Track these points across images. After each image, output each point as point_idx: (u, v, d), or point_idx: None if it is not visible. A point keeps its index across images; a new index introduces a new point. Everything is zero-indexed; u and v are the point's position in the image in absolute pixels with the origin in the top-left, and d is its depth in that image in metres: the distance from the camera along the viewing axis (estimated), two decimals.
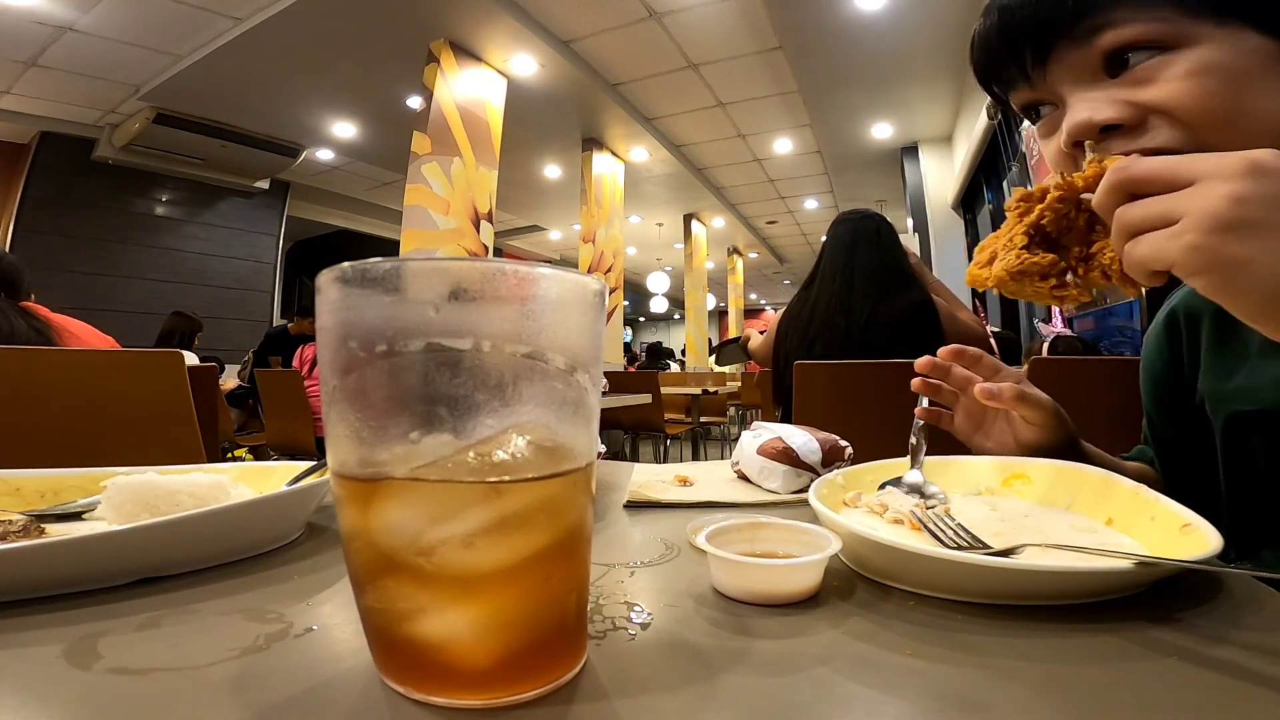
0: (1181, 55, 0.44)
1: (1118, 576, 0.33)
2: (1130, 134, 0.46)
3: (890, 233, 1.68)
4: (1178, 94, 0.43)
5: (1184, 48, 0.44)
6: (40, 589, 0.35)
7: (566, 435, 0.25)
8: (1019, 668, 0.27)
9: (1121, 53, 0.46)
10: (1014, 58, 0.50)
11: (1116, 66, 0.46)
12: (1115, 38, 0.45)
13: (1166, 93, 0.44)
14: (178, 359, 1.26)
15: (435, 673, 0.24)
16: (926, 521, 0.43)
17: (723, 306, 13.15)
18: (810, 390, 1.49)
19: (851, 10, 4.05)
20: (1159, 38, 0.44)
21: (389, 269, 0.23)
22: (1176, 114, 0.44)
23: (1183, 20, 0.44)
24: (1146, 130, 0.45)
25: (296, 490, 0.47)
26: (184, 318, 4.05)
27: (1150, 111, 0.45)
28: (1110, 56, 0.46)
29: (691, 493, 0.63)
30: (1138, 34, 0.44)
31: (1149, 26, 0.44)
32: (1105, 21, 0.45)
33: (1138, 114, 0.45)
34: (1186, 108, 0.43)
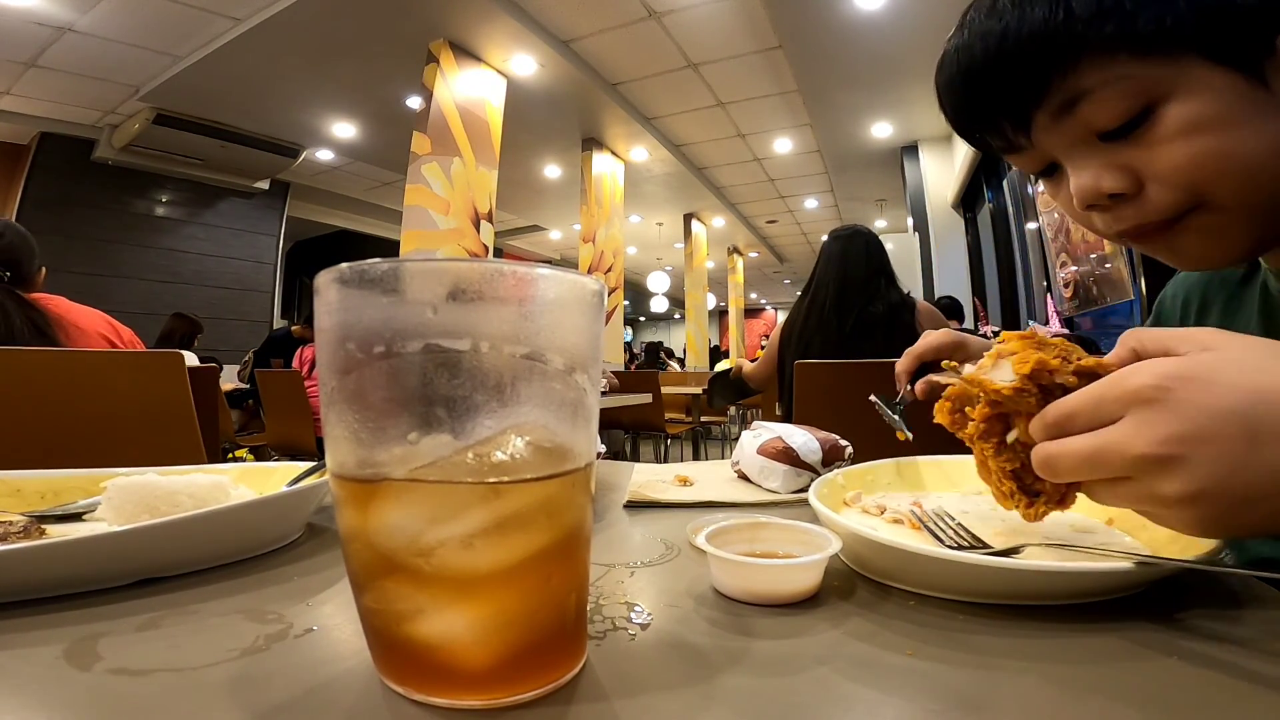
0: (1164, 115, 0.43)
1: (1118, 576, 0.33)
2: (1130, 200, 0.46)
3: (878, 247, 1.84)
4: (1174, 161, 0.43)
5: (1162, 103, 0.43)
6: (41, 590, 0.35)
7: (565, 436, 0.25)
8: (1019, 668, 0.27)
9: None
10: (992, 129, 0.49)
11: (1108, 135, 0.45)
12: (1099, 114, 0.44)
13: (1163, 160, 0.43)
14: (178, 359, 1.26)
15: (435, 673, 0.24)
16: (926, 521, 0.43)
17: (723, 306, 13.15)
18: (810, 390, 1.50)
19: (851, 10, 4.05)
20: (1135, 102, 0.43)
21: (387, 270, 0.23)
22: (1172, 177, 0.44)
23: (1146, 68, 0.42)
24: (1145, 195, 0.45)
25: (296, 491, 0.47)
26: (184, 319, 4.06)
27: (1148, 177, 0.45)
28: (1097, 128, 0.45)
29: (691, 492, 0.63)
30: (1117, 111, 0.43)
31: (1122, 95, 0.43)
32: (1077, 92, 0.44)
33: (1137, 182, 0.45)
34: (1183, 172, 0.43)
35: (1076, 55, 0.43)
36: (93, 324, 1.39)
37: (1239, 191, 0.43)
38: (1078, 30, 0.42)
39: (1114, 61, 0.43)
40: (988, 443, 0.38)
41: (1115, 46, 0.42)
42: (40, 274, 1.47)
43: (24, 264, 1.41)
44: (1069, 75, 0.44)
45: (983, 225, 5.93)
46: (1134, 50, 0.42)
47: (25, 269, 1.41)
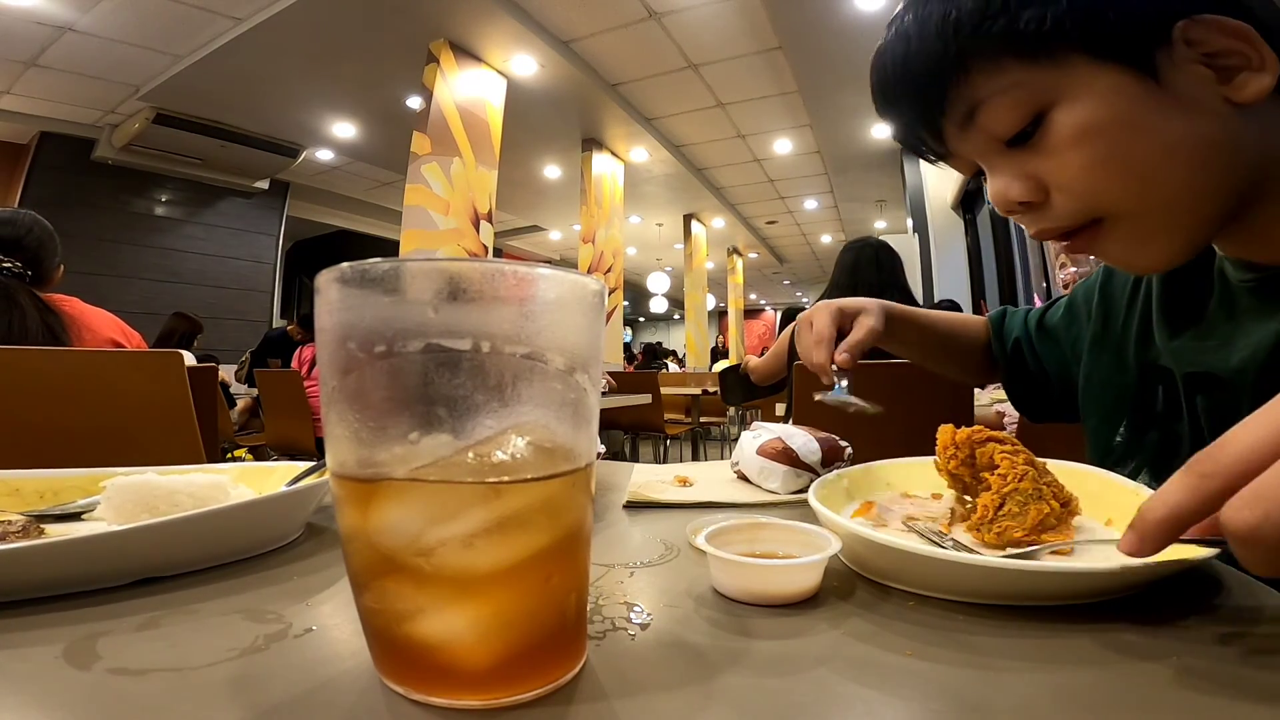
0: (1056, 120, 0.42)
1: (1118, 576, 0.33)
2: (1041, 209, 0.46)
3: (889, 257, 1.86)
4: (1064, 169, 0.43)
5: (1052, 109, 0.42)
6: (39, 589, 0.35)
7: (566, 436, 0.25)
8: (1019, 668, 0.27)
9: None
10: (917, 140, 0.50)
11: (1012, 141, 0.45)
12: (993, 124, 0.44)
13: (1055, 168, 0.44)
14: (178, 359, 1.26)
15: (435, 673, 0.24)
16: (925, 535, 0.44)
17: (722, 307, 13.15)
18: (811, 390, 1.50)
19: (851, 10, 4.05)
20: (1026, 110, 0.43)
21: (388, 269, 0.23)
22: (1069, 187, 0.44)
23: (1033, 73, 0.42)
24: (1050, 203, 0.45)
25: (296, 490, 0.47)
26: (184, 319, 4.05)
27: (1050, 186, 0.45)
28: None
29: (691, 493, 0.63)
30: (1011, 120, 0.43)
31: (1013, 103, 0.43)
32: (973, 103, 0.44)
33: (1042, 189, 0.45)
34: (1076, 179, 0.43)
35: (965, 65, 0.43)
36: (104, 327, 1.39)
37: (1141, 198, 0.43)
38: (965, 37, 0.43)
39: (1001, 69, 0.43)
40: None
41: (1000, 52, 0.42)
42: (59, 271, 1.46)
43: (45, 262, 1.40)
44: (962, 86, 0.44)
45: (982, 226, 5.93)
46: (1019, 54, 0.42)
47: (46, 265, 1.40)
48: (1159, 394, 0.57)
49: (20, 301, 1.24)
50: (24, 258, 1.34)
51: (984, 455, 0.45)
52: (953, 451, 0.46)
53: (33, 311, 1.25)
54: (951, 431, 0.47)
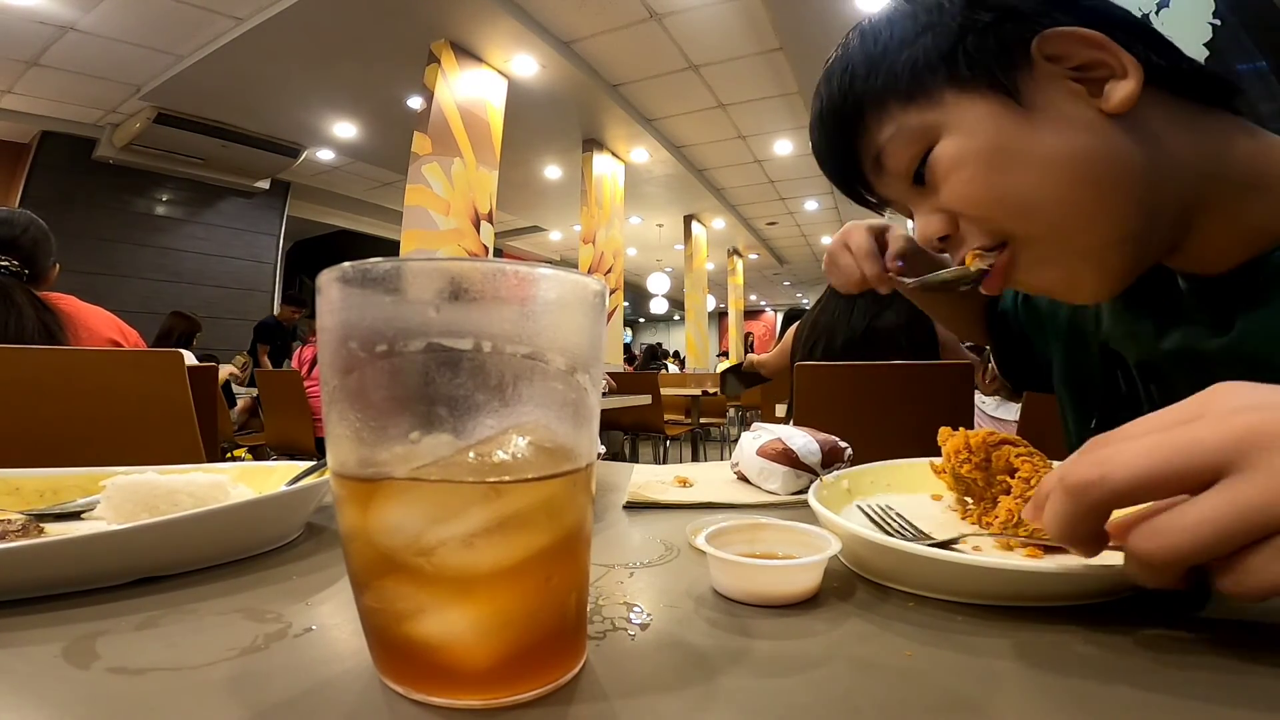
0: (935, 157, 0.44)
1: (1118, 577, 0.33)
2: (958, 240, 0.47)
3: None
4: (951, 197, 0.45)
5: (937, 142, 0.44)
6: (39, 588, 0.35)
7: (567, 436, 0.25)
8: (1019, 669, 0.27)
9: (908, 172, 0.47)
10: (854, 191, 0.53)
11: (914, 180, 0.47)
12: (894, 166, 0.47)
13: (947, 198, 0.45)
14: (177, 359, 1.26)
15: (435, 673, 0.24)
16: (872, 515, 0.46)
17: (723, 308, 13.15)
18: (811, 391, 1.50)
19: (852, 11, 4.05)
20: (916, 149, 0.45)
21: (389, 269, 0.23)
22: (966, 214, 0.45)
23: (914, 114, 0.44)
24: (962, 234, 0.47)
25: (296, 490, 0.47)
26: (183, 318, 4.06)
27: (956, 217, 0.46)
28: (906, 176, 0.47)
29: (691, 493, 0.63)
30: (903, 160, 0.46)
31: (904, 143, 0.45)
32: (876, 149, 0.47)
33: (952, 222, 0.47)
34: (961, 205, 0.45)
35: (862, 116, 0.47)
36: (102, 326, 1.39)
37: (1030, 220, 0.43)
38: (858, 90, 0.46)
39: (888, 114, 0.45)
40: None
41: (885, 99, 0.45)
42: (54, 270, 1.46)
43: (41, 261, 1.40)
44: (863, 135, 0.47)
45: None
46: (899, 99, 0.44)
47: (41, 265, 1.40)
48: (1119, 380, 0.58)
49: (17, 300, 1.24)
50: (20, 256, 1.34)
51: (1000, 459, 0.45)
52: (965, 455, 0.46)
53: (29, 310, 1.24)
54: (964, 435, 0.47)
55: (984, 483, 0.46)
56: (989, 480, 0.46)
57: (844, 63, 0.47)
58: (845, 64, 0.47)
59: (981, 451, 0.46)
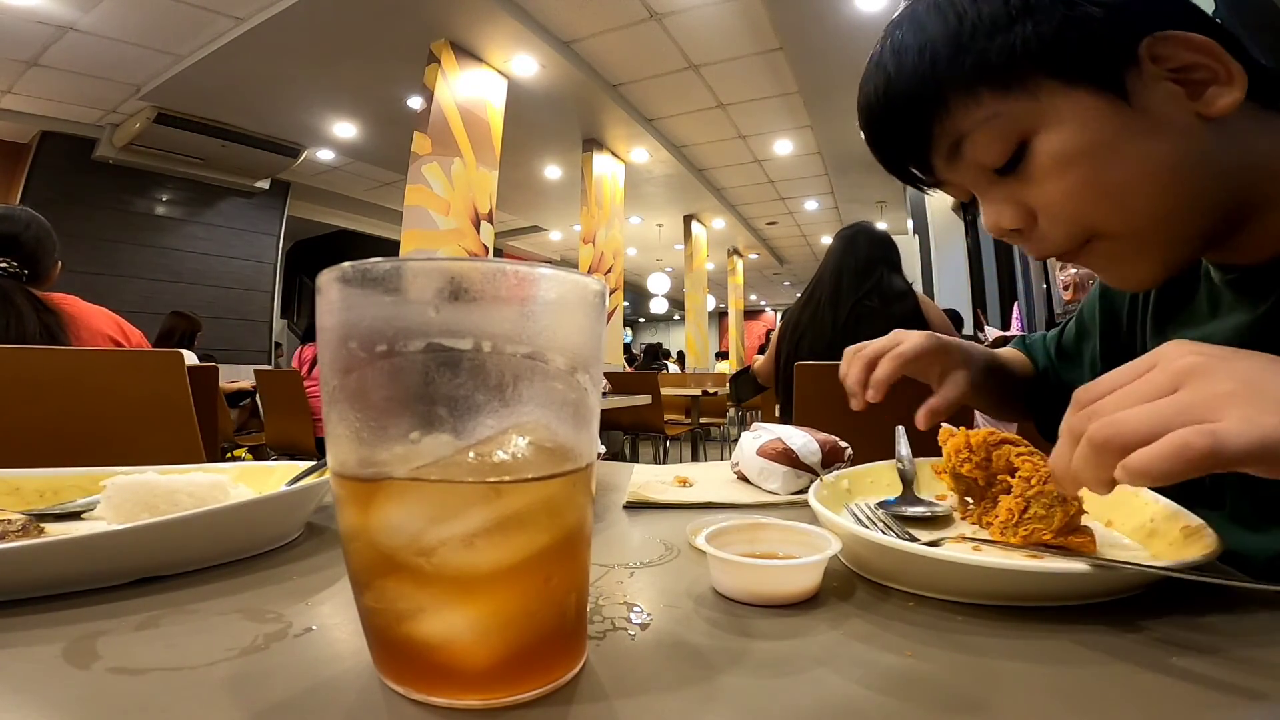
0: (1036, 148, 0.42)
1: (1118, 578, 0.33)
2: (1029, 234, 0.46)
3: (881, 240, 1.77)
4: (1049, 197, 0.43)
5: (1033, 137, 0.42)
6: (39, 588, 0.35)
7: (567, 436, 0.25)
8: (1018, 669, 0.27)
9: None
10: (906, 173, 0.50)
11: (998, 170, 0.45)
12: (980, 155, 0.44)
13: (1039, 196, 0.44)
14: (178, 359, 1.26)
15: (435, 673, 0.24)
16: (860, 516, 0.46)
17: (723, 308, 13.15)
18: (811, 391, 1.50)
19: (852, 11, 4.05)
20: (1009, 140, 0.43)
21: (390, 269, 0.23)
22: (1055, 213, 0.44)
23: (1009, 104, 0.42)
24: (1040, 231, 0.45)
25: (296, 490, 0.47)
26: (184, 318, 4.05)
27: (1038, 212, 0.45)
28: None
29: (691, 493, 0.63)
30: (995, 151, 0.44)
31: (995, 135, 0.43)
32: (957, 136, 0.44)
33: (1029, 216, 0.45)
34: (1060, 206, 0.43)
35: (944, 100, 0.43)
36: (104, 326, 1.38)
37: (1123, 220, 0.43)
38: (941, 73, 0.43)
39: (979, 102, 0.43)
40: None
41: (975, 84, 0.42)
42: (56, 268, 1.44)
43: (43, 260, 1.38)
44: (944, 120, 0.44)
45: (982, 228, 5.92)
46: (993, 86, 0.42)
47: (44, 264, 1.38)
48: None
49: (17, 303, 1.23)
50: (21, 255, 1.33)
51: (1000, 458, 0.45)
52: (966, 455, 0.46)
53: (30, 312, 1.24)
54: (965, 435, 0.47)
55: (984, 482, 0.46)
56: (989, 479, 0.46)
57: (919, 40, 0.44)
58: (922, 43, 0.43)
59: (982, 451, 0.46)
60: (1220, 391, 0.29)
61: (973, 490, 0.48)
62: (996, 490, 0.45)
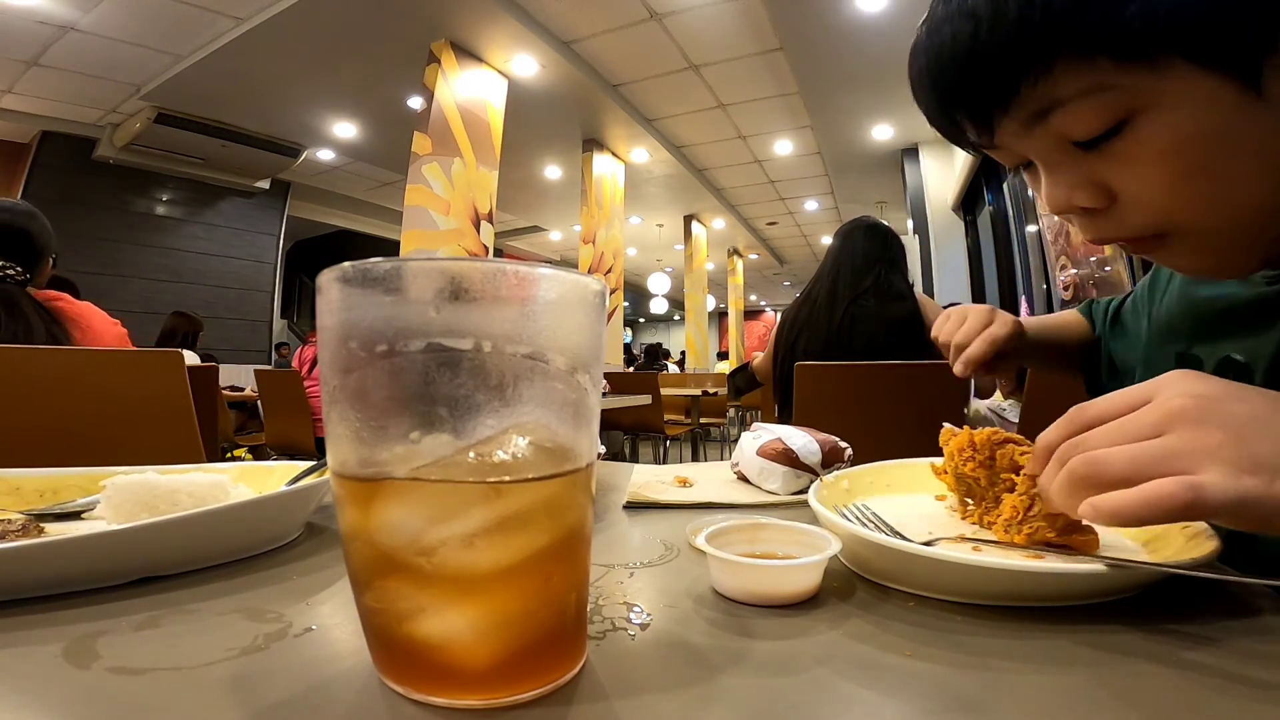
0: (1143, 127, 0.38)
1: (1116, 578, 0.33)
2: (1104, 214, 0.42)
3: (880, 236, 1.73)
4: (1144, 181, 0.39)
5: (1141, 114, 0.38)
6: (39, 588, 0.35)
7: (567, 436, 0.25)
8: (1018, 669, 0.27)
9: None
10: (958, 129, 0.44)
11: (1081, 144, 0.40)
12: (1072, 126, 0.39)
13: (1133, 178, 0.40)
14: (178, 359, 1.26)
15: (435, 673, 0.24)
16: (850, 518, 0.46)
17: (723, 308, 13.16)
18: (810, 391, 1.50)
19: (852, 11, 4.05)
20: (1115, 114, 0.38)
21: (390, 269, 0.23)
22: (1144, 199, 0.40)
23: (1128, 76, 0.37)
24: (1118, 211, 0.42)
25: (296, 490, 0.47)
26: (186, 318, 4.05)
27: (1122, 195, 0.41)
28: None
29: (691, 493, 0.63)
30: (1094, 124, 0.39)
31: (1100, 107, 0.38)
32: (1050, 102, 0.39)
33: (1109, 196, 0.41)
34: (1156, 193, 0.39)
35: (1050, 59, 0.37)
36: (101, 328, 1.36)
37: (1220, 215, 0.40)
38: (1057, 24, 0.37)
39: (1092, 67, 0.37)
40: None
41: (1094, 47, 0.37)
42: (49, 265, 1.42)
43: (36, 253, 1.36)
44: (1041, 82, 0.38)
45: (983, 228, 5.93)
46: (1115, 53, 0.37)
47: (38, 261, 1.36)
48: None
49: (24, 309, 1.23)
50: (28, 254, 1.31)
51: (1004, 456, 0.45)
52: (969, 454, 0.46)
53: (37, 321, 1.23)
54: (968, 433, 0.47)
55: (987, 481, 0.46)
56: (992, 479, 0.45)
57: None
58: None
59: (986, 449, 0.45)
60: (1207, 444, 0.29)
61: (974, 491, 0.48)
62: (999, 489, 0.45)
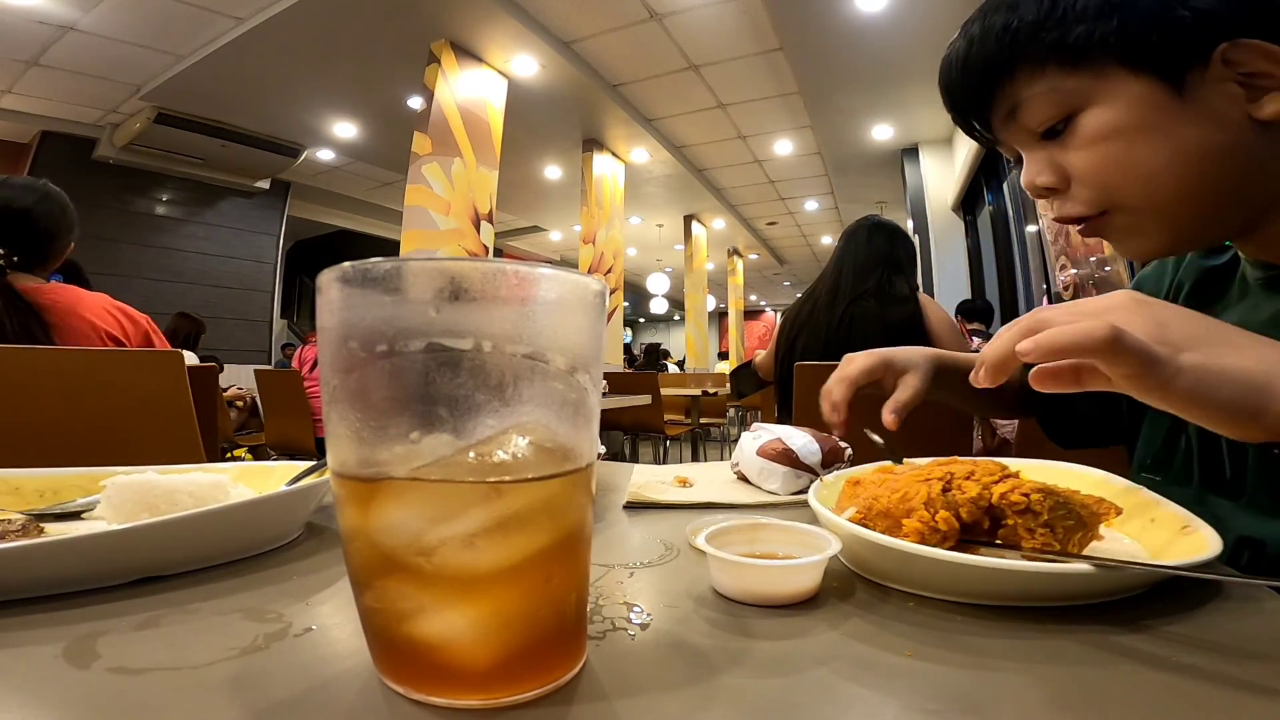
0: (1082, 120, 0.47)
1: (1118, 579, 0.33)
2: (1062, 195, 0.51)
3: (884, 236, 1.72)
4: (1083, 164, 0.48)
5: (1083, 110, 0.47)
6: (39, 588, 0.35)
7: (567, 436, 0.25)
8: (1018, 669, 0.27)
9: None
10: (969, 128, 0.56)
11: (1045, 134, 0.50)
12: (1030, 120, 0.50)
13: (1076, 162, 0.49)
14: (178, 359, 1.26)
15: (434, 673, 0.24)
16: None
17: (723, 308, 13.15)
18: (810, 391, 1.49)
19: (852, 11, 4.05)
20: (1059, 110, 0.48)
21: (390, 269, 0.23)
22: (1086, 180, 0.49)
23: (1072, 80, 0.47)
24: (1070, 193, 0.50)
25: (296, 490, 0.47)
26: (188, 319, 4.05)
27: (1071, 177, 0.49)
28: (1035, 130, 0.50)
29: (691, 493, 0.63)
30: (1044, 118, 0.49)
31: (1048, 104, 0.48)
32: (1016, 101, 0.50)
33: (1066, 179, 0.50)
34: (1092, 174, 0.48)
35: (1013, 67, 0.49)
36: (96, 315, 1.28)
37: (1141, 195, 0.47)
38: (1020, 42, 0.48)
39: (1043, 73, 0.48)
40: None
41: (1046, 58, 0.47)
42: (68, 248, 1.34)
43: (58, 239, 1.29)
44: (1008, 85, 0.50)
45: (983, 228, 5.93)
46: (1062, 62, 0.47)
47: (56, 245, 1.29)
48: None
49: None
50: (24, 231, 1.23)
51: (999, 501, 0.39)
52: (937, 535, 0.39)
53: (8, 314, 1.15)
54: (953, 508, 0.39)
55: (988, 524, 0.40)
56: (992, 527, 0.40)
57: (1008, 18, 0.49)
58: (1010, 20, 0.48)
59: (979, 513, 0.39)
60: (1136, 323, 0.35)
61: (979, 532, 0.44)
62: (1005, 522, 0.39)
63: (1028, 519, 0.38)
